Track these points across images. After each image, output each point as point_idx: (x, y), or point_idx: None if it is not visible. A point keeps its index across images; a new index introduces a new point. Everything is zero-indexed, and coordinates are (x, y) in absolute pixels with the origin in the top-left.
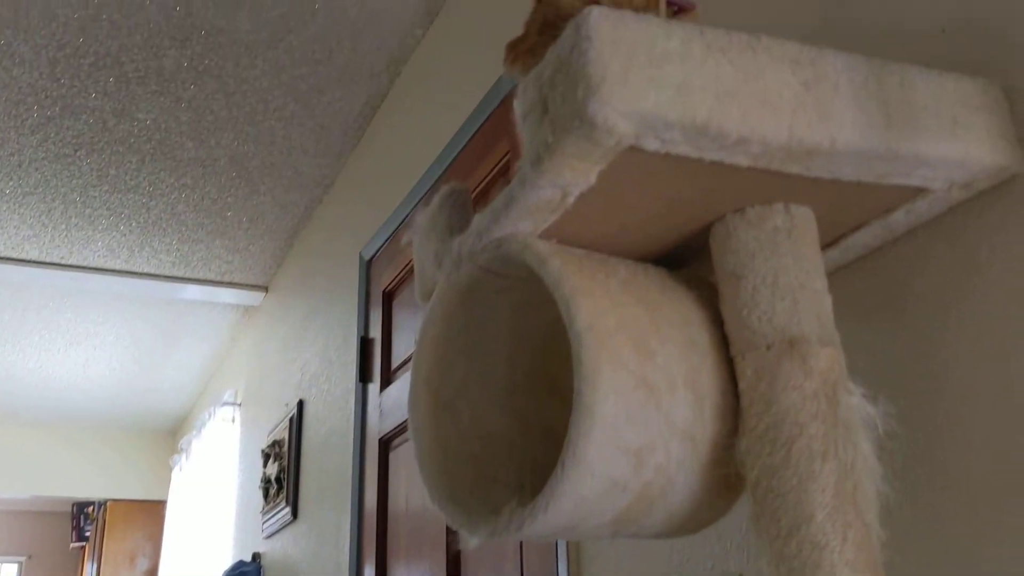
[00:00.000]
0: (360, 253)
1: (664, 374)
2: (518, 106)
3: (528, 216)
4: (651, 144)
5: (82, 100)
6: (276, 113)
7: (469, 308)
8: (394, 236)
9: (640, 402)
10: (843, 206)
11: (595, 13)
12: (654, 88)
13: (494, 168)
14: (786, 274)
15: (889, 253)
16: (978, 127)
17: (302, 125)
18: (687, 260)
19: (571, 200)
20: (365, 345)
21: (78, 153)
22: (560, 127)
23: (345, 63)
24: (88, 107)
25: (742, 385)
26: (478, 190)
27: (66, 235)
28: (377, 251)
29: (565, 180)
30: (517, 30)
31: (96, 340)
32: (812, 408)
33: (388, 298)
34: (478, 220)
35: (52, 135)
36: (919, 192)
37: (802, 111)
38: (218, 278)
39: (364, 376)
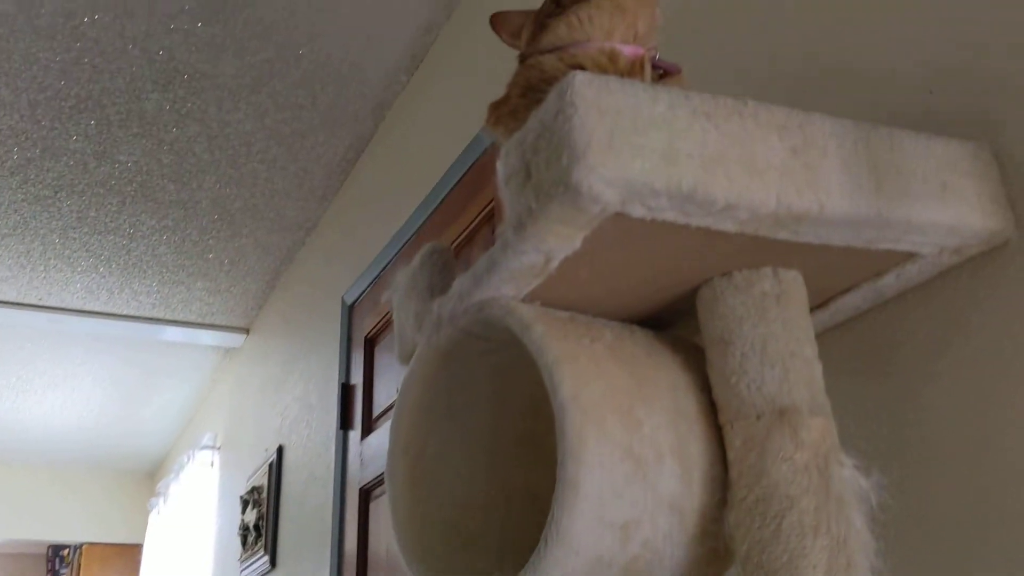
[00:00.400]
0: (342, 297)
1: (651, 444)
2: (500, 170)
3: (511, 280)
4: (637, 211)
5: (63, 142)
6: (259, 156)
7: (450, 371)
8: (377, 281)
9: (626, 475)
10: (833, 269)
11: (579, 79)
12: (640, 155)
13: (479, 215)
14: (775, 341)
15: (879, 316)
16: (968, 192)
17: (285, 169)
18: (674, 320)
19: (555, 264)
20: (346, 391)
21: (58, 195)
22: (544, 193)
23: (329, 108)
24: (69, 149)
25: (731, 455)
26: (462, 236)
27: (44, 276)
28: (359, 296)
29: (549, 245)
30: (503, 77)
31: (74, 382)
32: (803, 481)
33: (370, 344)
34: (459, 283)
35: (32, 177)
36: (909, 256)
37: (790, 177)
38: (199, 320)
39: (345, 423)
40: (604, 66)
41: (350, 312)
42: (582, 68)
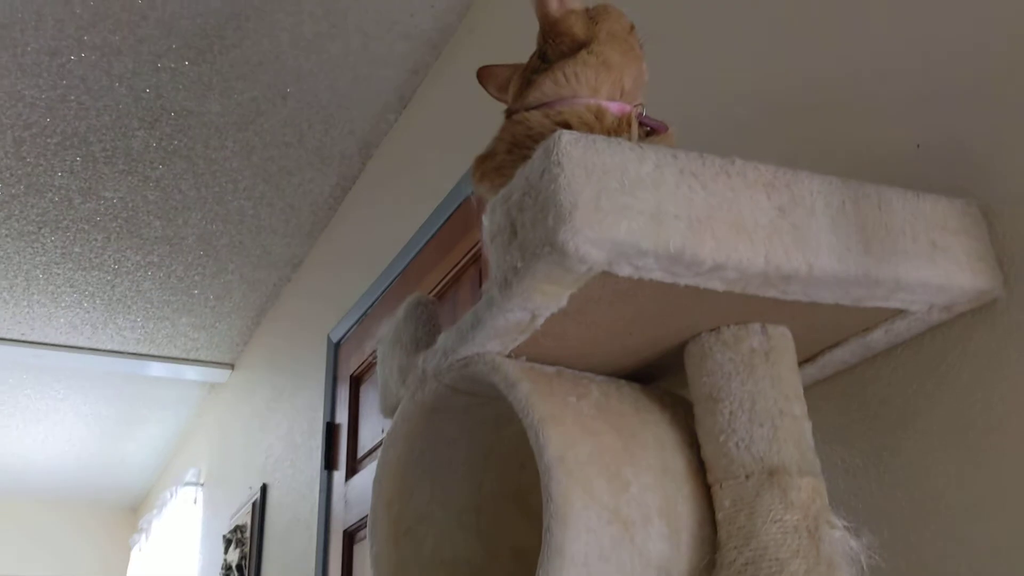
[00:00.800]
0: (328, 335)
1: (638, 506)
2: (486, 227)
3: (496, 337)
4: (624, 270)
5: (47, 179)
6: (245, 193)
7: (434, 426)
8: (363, 320)
9: (613, 538)
10: (821, 325)
11: (566, 138)
12: (627, 216)
13: (465, 255)
14: (764, 399)
15: (868, 370)
16: (957, 251)
17: (272, 205)
18: (661, 373)
19: (541, 322)
20: (331, 431)
21: (42, 231)
22: (530, 253)
23: (316, 146)
24: (54, 185)
25: (720, 515)
26: (449, 276)
27: (28, 311)
28: (345, 334)
29: (535, 304)
30: (491, 119)
31: (56, 416)
32: (793, 543)
33: (355, 383)
34: (444, 339)
35: (16, 212)
36: (898, 313)
37: (778, 237)
38: (183, 355)
39: (329, 463)
40: (590, 123)
41: (336, 350)
42: (568, 125)
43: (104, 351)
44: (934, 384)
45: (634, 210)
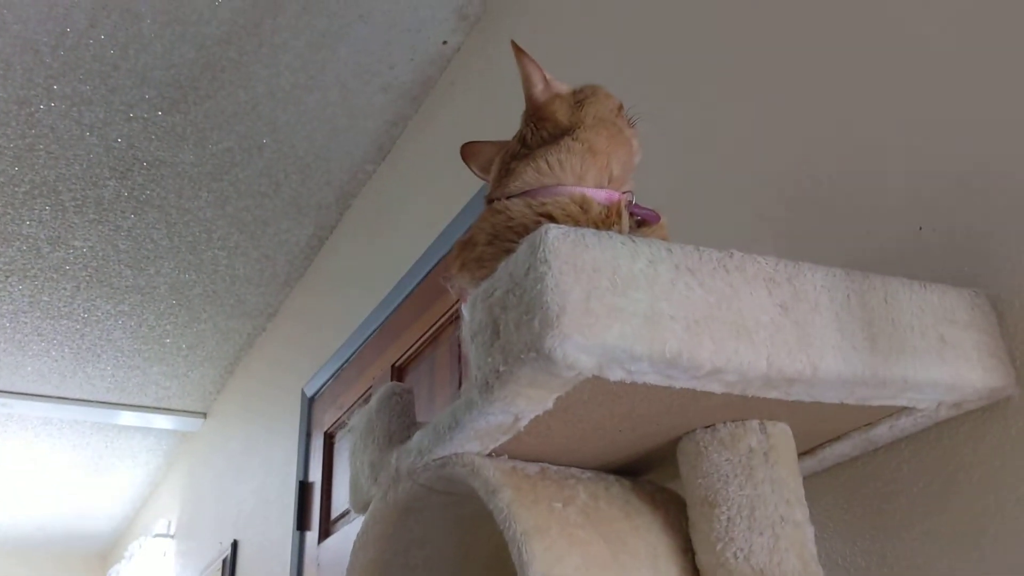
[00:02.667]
0: (303, 389)
1: None
2: (466, 324)
3: (476, 439)
4: (616, 375)
5: (15, 227)
6: (219, 243)
7: (408, 527)
8: (338, 375)
9: None
10: (823, 421)
11: (553, 233)
12: (619, 318)
13: (444, 314)
14: (764, 504)
15: (870, 464)
16: (967, 346)
17: (246, 255)
18: (653, 466)
19: (524, 423)
20: (304, 490)
21: (9, 279)
22: (513, 356)
23: (293, 196)
24: (21, 234)
25: None
26: (427, 334)
27: None
28: (320, 389)
29: (518, 407)
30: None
31: (24, 464)
32: None
33: (330, 440)
34: (419, 437)
35: None
36: (904, 410)
37: (780, 337)
38: (155, 404)
39: (302, 524)
40: (575, 215)
41: (310, 405)
42: (552, 217)
43: (73, 400)
44: (942, 484)
45: (627, 312)
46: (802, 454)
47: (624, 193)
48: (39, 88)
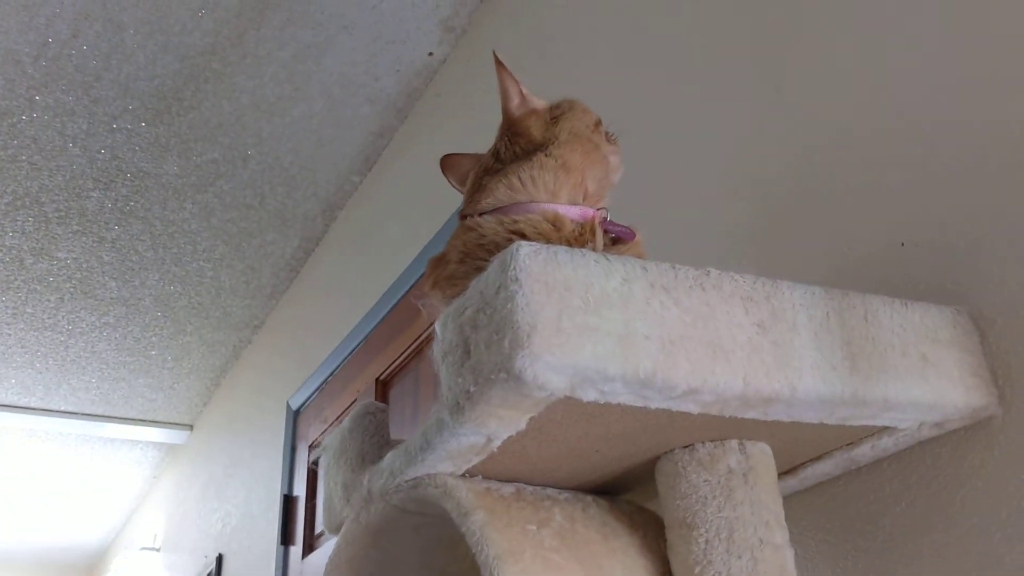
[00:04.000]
0: (288, 402)
1: None
2: (436, 343)
3: (448, 459)
4: (588, 395)
5: None
6: (204, 255)
7: (381, 548)
8: (323, 388)
9: None
10: (803, 440)
11: (524, 250)
12: (592, 338)
13: (429, 327)
14: (743, 527)
15: (853, 483)
16: (949, 364)
17: (232, 267)
18: (631, 484)
19: (497, 444)
20: (288, 504)
21: None
22: (483, 377)
23: (278, 208)
24: (4, 246)
25: None
26: (412, 347)
27: None
28: (305, 402)
29: (490, 428)
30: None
31: (8, 477)
32: None
33: (316, 450)
34: (391, 459)
35: None
36: (885, 429)
37: (758, 357)
38: (140, 416)
39: (286, 538)
40: (547, 233)
41: (295, 418)
42: (523, 235)
43: (57, 412)
44: (925, 504)
45: (600, 331)
46: (783, 473)
47: (599, 210)
48: (21, 99)
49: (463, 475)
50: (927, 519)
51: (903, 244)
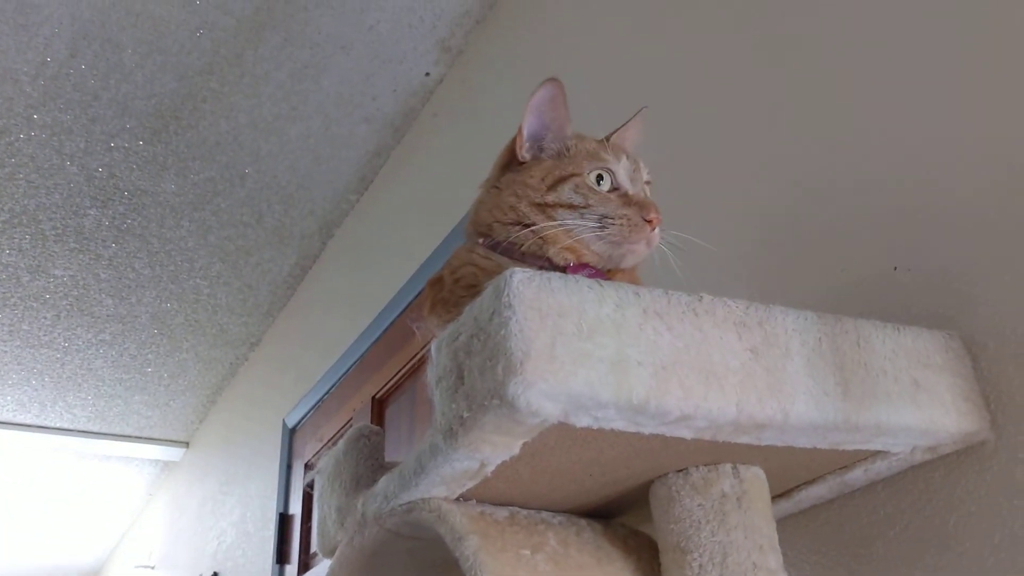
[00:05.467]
0: (284, 420)
1: None
2: (431, 368)
3: (442, 484)
4: (582, 421)
5: None
6: (201, 272)
7: (375, 572)
8: (319, 406)
9: None
10: (797, 464)
11: (518, 277)
12: (585, 364)
13: (425, 346)
14: (736, 551)
15: (847, 506)
16: (941, 390)
17: (228, 285)
18: (625, 508)
19: (490, 469)
20: (283, 522)
21: None
22: (477, 404)
23: (276, 226)
24: (1, 263)
25: None
26: (409, 365)
27: None
28: (301, 420)
29: (483, 454)
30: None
31: (3, 495)
32: None
33: (311, 471)
34: (385, 483)
35: None
36: (878, 454)
37: (751, 383)
38: (136, 433)
39: (281, 557)
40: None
41: (291, 436)
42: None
43: (53, 429)
44: (918, 529)
45: (593, 357)
46: (777, 496)
47: None
48: (19, 117)
49: (457, 499)
50: (920, 543)
51: (895, 268)
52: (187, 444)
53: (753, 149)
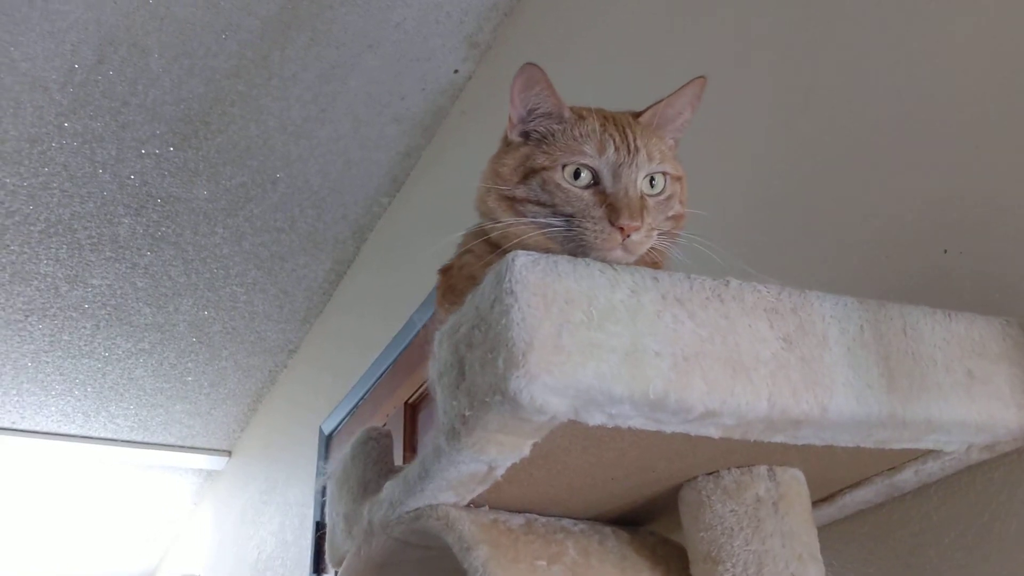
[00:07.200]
0: (320, 427)
1: None
2: (432, 363)
3: (450, 489)
4: (595, 419)
5: (32, 266)
6: (237, 279)
7: None
8: (354, 412)
9: None
10: (840, 465)
11: (520, 261)
12: (595, 355)
13: None
14: (773, 561)
15: (896, 511)
16: (999, 381)
17: (264, 291)
18: (654, 514)
19: (501, 472)
20: (320, 531)
21: (29, 319)
22: (478, 400)
23: (309, 231)
24: (39, 273)
25: None
26: None
27: (17, 400)
28: (338, 426)
29: (490, 456)
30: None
31: (48, 504)
32: None
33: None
34: (390, 489)
35: (2, 301)
36: (930, 453)
37: (783, 375)
38: (179, 442)
39: (318, 567)
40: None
41: (327, 442)
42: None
43: (97, 439)
44: (976, 534)
45: (604, 348)
46: (819, 501)
47: None
48: (50, 126)
49: (468, 506)
50: (978, 551)
51: (946, 251)
52: (230, 453)
53: (788, 126)
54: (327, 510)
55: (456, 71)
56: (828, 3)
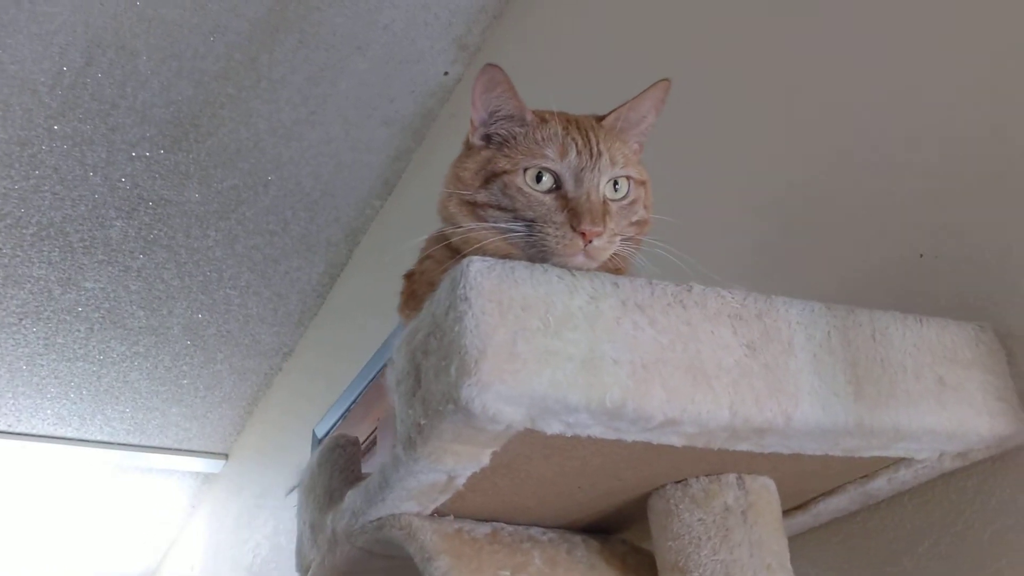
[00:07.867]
0: (313, 430)
1: None
2: (389, 370)
3: (411, 499)
4: (552, 427)
5: (25, 270)
6: (231, 282)
7: None
8: (347, 415)
9: None
10: (811, 474)
11: (475, 267)
12: (551, 363)
13: None
14: (741, 571)
15: (871, 519)
16: (971, 388)
17: (258, 294)
18: (625, 522)
19: (461, 481)
20: None
21: (23, 322)
22: (432, 409)
23: (302, 233)
24: (32, 276)
25: None
26: None
27: (13, 403)
28: (330, 429)
29: (448, 465)
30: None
31: (47, 510)
32: None
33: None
34: (351, 498)
35: None
36: (902, 460)
37: (746, 382)
38: (175, 445)
39: None
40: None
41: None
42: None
43: (93, 442)
44: (950, 543)
45: (561, 355)
46: (793, 509)
47: None
48: (40, 129)
49: (432, 515)
50: (952, 560)
51: (921, 255)
52: (226, 456)
53: (769, 131)
54: (296, 520)
55: (446, 73)
56: (807, 11)
